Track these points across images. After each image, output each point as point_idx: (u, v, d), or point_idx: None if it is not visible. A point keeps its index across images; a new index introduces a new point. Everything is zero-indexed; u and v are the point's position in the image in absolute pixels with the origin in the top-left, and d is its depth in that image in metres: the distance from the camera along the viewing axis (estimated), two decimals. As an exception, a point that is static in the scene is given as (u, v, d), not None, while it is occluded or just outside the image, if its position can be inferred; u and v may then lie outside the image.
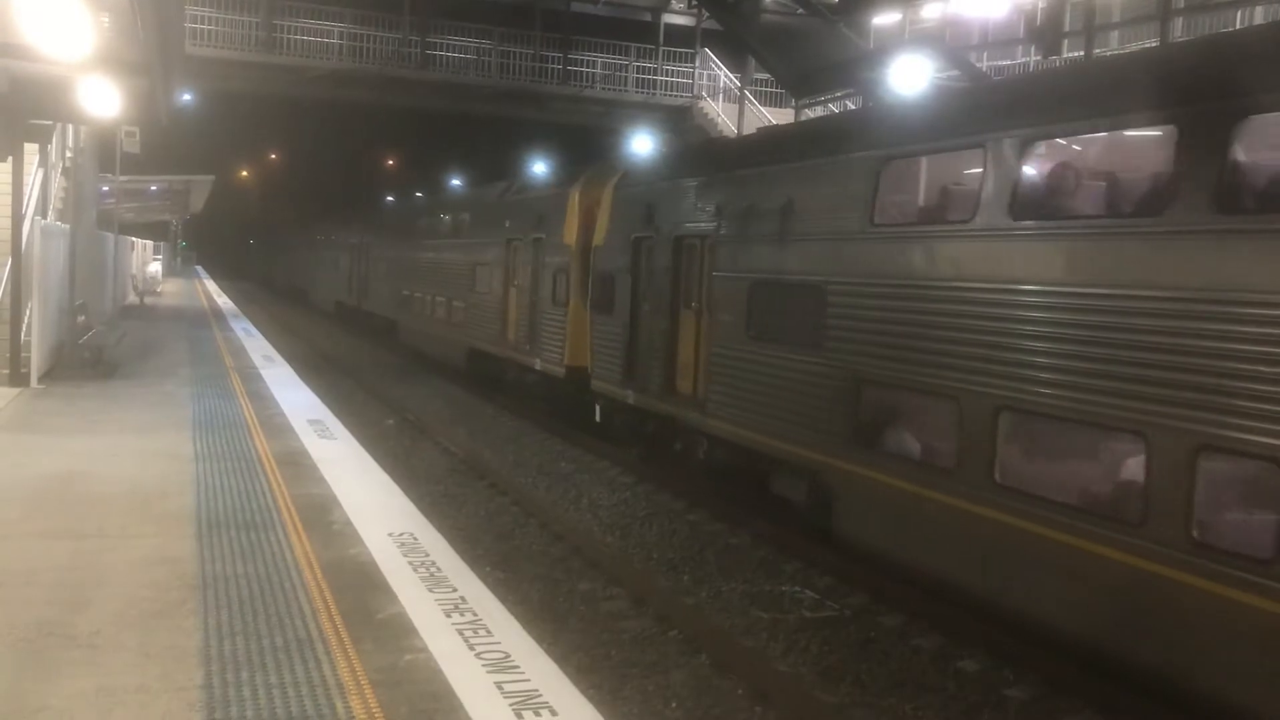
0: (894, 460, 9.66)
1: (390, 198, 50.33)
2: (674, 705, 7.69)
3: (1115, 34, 25.16)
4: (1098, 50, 23.28)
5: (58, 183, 20.04)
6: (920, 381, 9.27)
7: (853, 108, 25.90)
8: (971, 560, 8.59)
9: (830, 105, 27.63)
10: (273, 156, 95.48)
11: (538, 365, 19.36)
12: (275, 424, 13.06)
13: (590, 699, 5.53)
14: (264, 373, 18.34)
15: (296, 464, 10.73)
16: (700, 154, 16.70)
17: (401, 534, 8.15)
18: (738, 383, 12.10)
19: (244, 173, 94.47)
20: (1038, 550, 7.87)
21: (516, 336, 20.69)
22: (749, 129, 27.74)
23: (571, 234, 17.86)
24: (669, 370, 13.92)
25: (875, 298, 9.90)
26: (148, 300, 39.08)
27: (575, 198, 17.98)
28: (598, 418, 16.64)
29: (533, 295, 19.79)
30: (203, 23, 28.56)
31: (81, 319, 19.16)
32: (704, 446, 13.22)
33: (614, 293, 15.61)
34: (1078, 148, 8.86)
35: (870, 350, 9.90)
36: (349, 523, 8.47)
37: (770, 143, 13.51)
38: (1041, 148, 8.70)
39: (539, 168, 30.86)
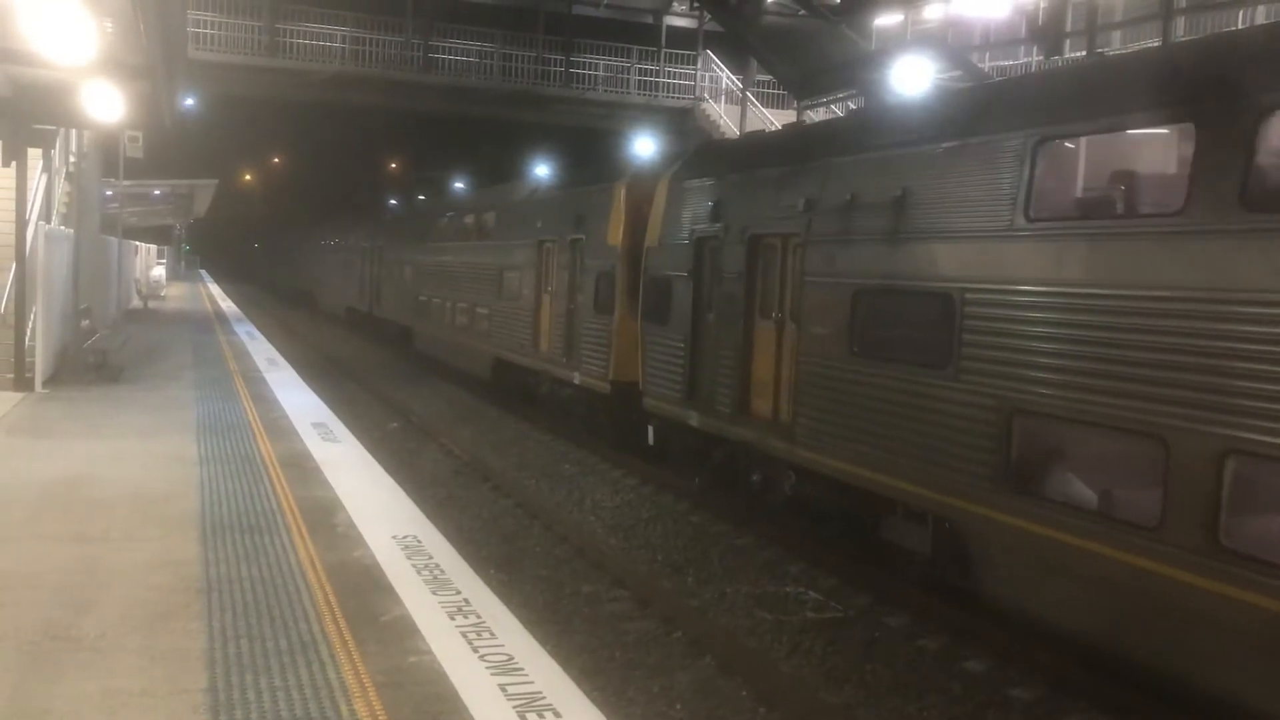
0: (1064, 511, 7.74)
1: (406, 198, 49.75)
2: (679, 707, 7.70)
3: (1118, 34, 25.16)
4: (1100, 50, 23.27)
5: (61, 187, 20.10)
6: (1105, 414, 7.38)
7: (856, 106, 25.92)
8: (1180, 639, 6.97)
9: (833, 107, 27.63)
10: (276, 160, 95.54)
11: (577, 379, 17.62)
12: (279, 427, 13.09)
13: (594, 701, 5.54)
14: (268, 376, 18.38)
15: (300, 467, 10.76)
16: (783, 140, 14.24)
17: (405, 536, 8.17)
18: (839, 407, 10.25)
19: (248, 176, 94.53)
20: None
21: (551, 347, 18.96)
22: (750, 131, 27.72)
23: (617, 234, 16.32)
24: (743, 389, 12.10)
25: (1033, 309, 8.03)
26: (152, 304, 39.14)
27: (621, 194, 16.37)
28: (651, 440, 14.71)
29: (570, 302, 18.05)
30: (206, 27, 28.64)
31: (86, 323, 19.19)
32: (791, 480, 11.35)
33: (671, 299, 13.77)
34: None
35: (1026, 374, 8.05)
36: (353, 525, 8.49)
37: (879, 123, 11.39)
38: None
39: (541, 170, 30.84)
